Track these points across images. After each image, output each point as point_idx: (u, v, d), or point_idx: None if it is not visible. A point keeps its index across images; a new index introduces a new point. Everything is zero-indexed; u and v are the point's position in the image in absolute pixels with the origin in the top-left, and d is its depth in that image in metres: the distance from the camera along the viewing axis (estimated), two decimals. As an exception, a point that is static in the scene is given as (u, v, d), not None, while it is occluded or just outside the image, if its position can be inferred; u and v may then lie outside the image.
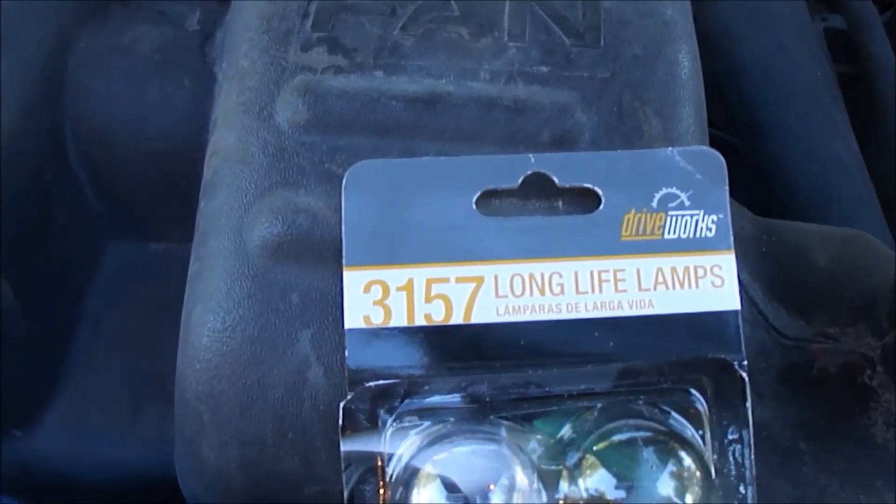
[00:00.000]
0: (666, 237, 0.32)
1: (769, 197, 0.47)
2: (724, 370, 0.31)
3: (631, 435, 0.30)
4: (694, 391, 0.31)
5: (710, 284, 0.32)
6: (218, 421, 0.32)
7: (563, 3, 0.36)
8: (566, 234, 0.32)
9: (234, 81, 0.35)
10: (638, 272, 0.32)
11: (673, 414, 0.31)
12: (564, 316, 0.31)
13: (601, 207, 0.32)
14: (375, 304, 0.31)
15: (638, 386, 0.31)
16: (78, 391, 0.41)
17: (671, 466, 0.29)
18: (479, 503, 0.29)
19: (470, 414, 0.30)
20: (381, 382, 0.30)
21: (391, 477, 0.30)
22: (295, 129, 0.34)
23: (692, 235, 0.32)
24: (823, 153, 0.47)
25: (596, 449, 0.30)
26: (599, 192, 0.32)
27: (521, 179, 0.32)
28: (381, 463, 0.30)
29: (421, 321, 0.31)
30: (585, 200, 0.33)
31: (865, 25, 0.52)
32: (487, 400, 0.31)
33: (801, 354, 0.36)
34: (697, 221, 0.32)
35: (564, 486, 0.30)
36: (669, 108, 0.34)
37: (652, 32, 0.36)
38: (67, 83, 0.40)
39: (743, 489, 0.31)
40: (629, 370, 0.31)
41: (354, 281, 0.31)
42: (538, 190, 0.33)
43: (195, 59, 0.40)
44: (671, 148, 0.33)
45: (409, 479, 0.30)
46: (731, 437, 0.31)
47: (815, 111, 0.48)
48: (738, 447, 0.31)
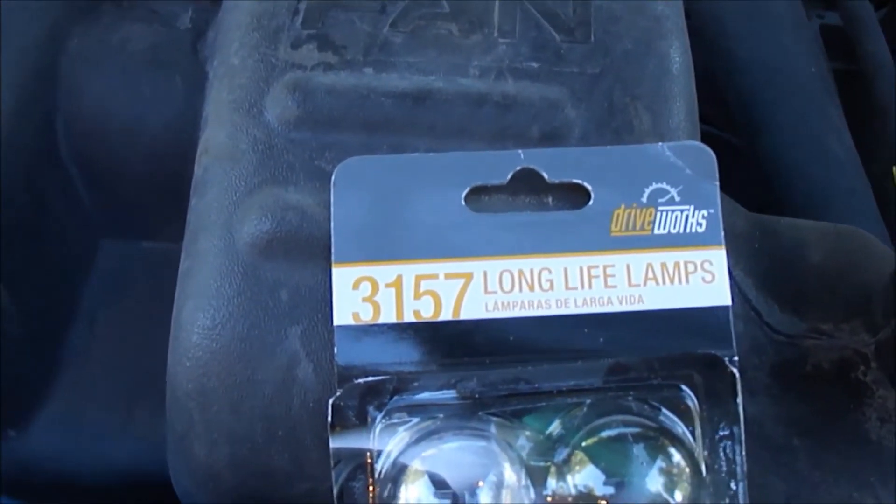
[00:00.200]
0: (656, 232, 0.32)
1: (766, 194, 0.47)
2: (714, 366, 0.31)
3: (620, 431, 0.30)
4: (684, 387, 0.31)
5: (700, 280, 0.32)
6: (208, 418, 0.32)
7: None
8: (555, 229, 0.32)
9: (224, 79, 0.35)
10: (628, 268, 0.32)
11: (663, 410, 0.30)
12: (554, 312, 0.31)
13: (591, 203, 0.32)
14: (364, 300, 0.31)
15: (627, 382, 0.31)
16: (72, 390, 0.41)
17: (661, 462, 0.29)
18: (467, 500, 0.29)
19: (459, 410, 0.30)
20: (370, 379, 0.30)
21: (380, 474, 0.30)
22: (285, 126, 0.34)
23: (682, 231, 0.32)
24: (819, 150, 0.46)
25: (585, 445, 0.29)
26: (589, 187, 0.32)
27: (510, 175, 0.32)
28: (370, 460, 0.30)
29: (410, 318, 0.31)
30: (575, 196, 0.33)
31: (861, 23, 0.52)
32: (477, 396, 0.30)
33: (794, 351, 0.36)
34: (688, 216, 0.32)
35: (553, 482, 0.30)
36: (660, 103, 0.34)
37: (642, 28, 0.36)
38: (60, 81, 0.40)
39: (734, 486, 0.30)
40: (619, 366, 0.31)
41: (343, 277, 0.31)
42: (527, 186, 0.33)
43: (187, 57, 0.40)
44: (661, 143, 0.33)
45: (397, 475, 0.30)
46: (721, 433, 0.31)
47: (811, 108, 0.47)
48: (728, 443, 0.30)
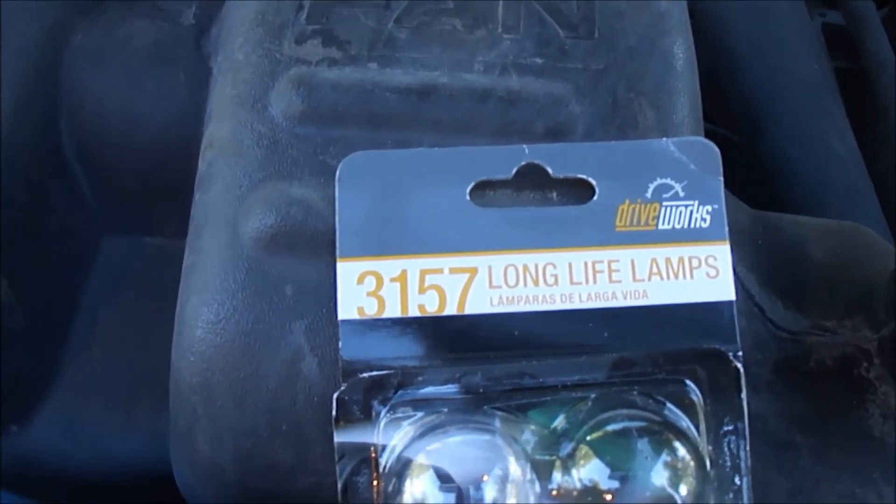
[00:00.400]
0: (660, 227, 0.32)
1: (767, 191, 0.47)
2: (718, 361, 0.31)
3: (625, 425, 0.30)
4: (689, 382, 0.31)
5: (704, 275, 0.32)
6: (212, 413, 0.32)
7: None
8: (560, 224, 0.32)
9: (228, 74, 0.35)
10: (632, 263, 0.32)
11: (668, 405, 0.30)
12: (558, 307, 0.31)
13: (595, 198, 0.32)
14: (369, 295, 0.31)
15: (632, 376, 0.31)
16: (74, 385, 0.41)
17: (665, 456, 0.29)
18: (472, 494, 0.29)
19: (463, 405, 0.30)
20: (374, 373, 0.30)
21: (384, 468, 0.30)
22: (289, 121, 0.34)
23: (686, 226, 0.32)
24: (821, 148, 0.47)
25: (589, 439, 0.29)
26: (593, 182, 0.32)
27: (515, 170, 0.32)
28: (374, 454, 0.30)
29: (415, 312, 0.31)
30: (579, 191, 0.33)
31: (863, 21, 0.52)
32: (481, 391, 0.30)
33: (797, 347, 0.36)
34: (692, 212, 0.32)
35: (558, 476, 0.30)
36: (664, 99, 0.34)
37: (646, 24, 0.36)
38: (63, 77, 0.40)
39: (738, 480, 0.30)
40: (623, 361, 0.31)
41: (348, 272, 0.31)
42: (532, 181, 0.33)
43: (191, 53, 0.40)
44: (665, 139, 0.33)
45: (402, 469, 0.30)
46: (725, 428, 0.31)
47: (813, 106, 0.48)
48: (732, 438, 0.31)
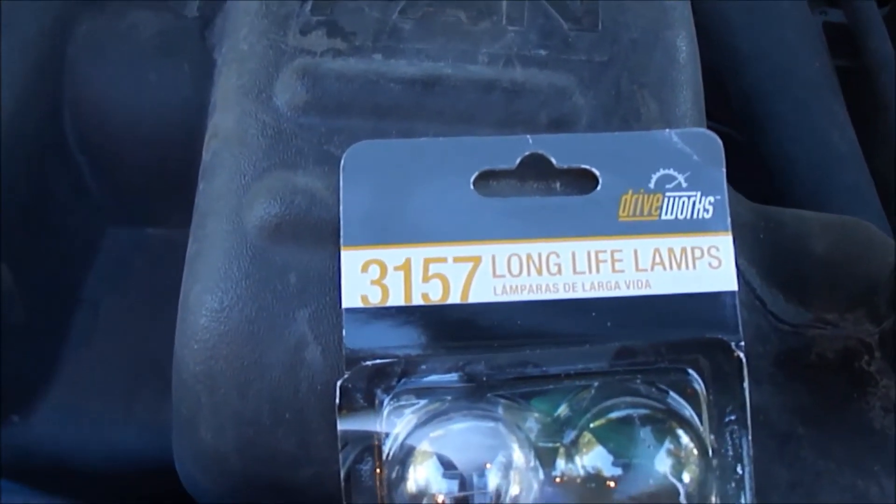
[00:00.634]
0: (663, 218, 0.32)
1: (768, 188, 0.47)
2: (721, 350, 0.31)
3: (628, 413, 0.30)
4: (691, 371, 0.31)
5: (707, 265, 0.32)
6: (215, 401, 0.32)
7: None
8: (564, 214, 0.32)
9: (233, 64, 0.35)
10: (635, 252, 0.32)
11: (670, 393, 0.31)
12: (562, 296, 0.31)
13: (598, 188, 0.32)
14: (373, 283, 0.31)
15: (635, 365, 0.31)
16: (75, 375, 0.41)
17: (668, 444, 0.29)
18: (475, 481, 0.29)
19: (467, 393, 0.30)
20: (378, 362, 0.30)
21: (388, 455, 0.30)
22: (294, 111, 0.34)
23: (689, 216, 0.32)
24: (822, 144, 0.47)
25: (593, 426, 0.29)
26: (597, 172, 0.32)
27: (518, 160, 0.32)
28: (377, 442, 0.30)
29: (418, 301, 0.31)
30: (583, 181, 0.33)
31: (865, 20, 0.52)
32: (484, 379, 0.31)
33: (798, 340, 0.36)
34: (695, 202, 0.32)
35: (561, 463, 0.30)
36: (667, 91, 0.35)
37: (650, 17, 0.36)
38: (67, 68, 0.40)
39: (740, 469, 0.30)
40: (626, 350, 0.31)
41: (352, 260, 0.31)
42: (536, 171, 0.33)
43: (195, 44, 0.40)
44: (668, 130, 0.33)
45: (405, 457, 0.30)
46: (728, 417, 0.31)
47: (813, 103, 0.48)
48: (735, 428, 0.31)
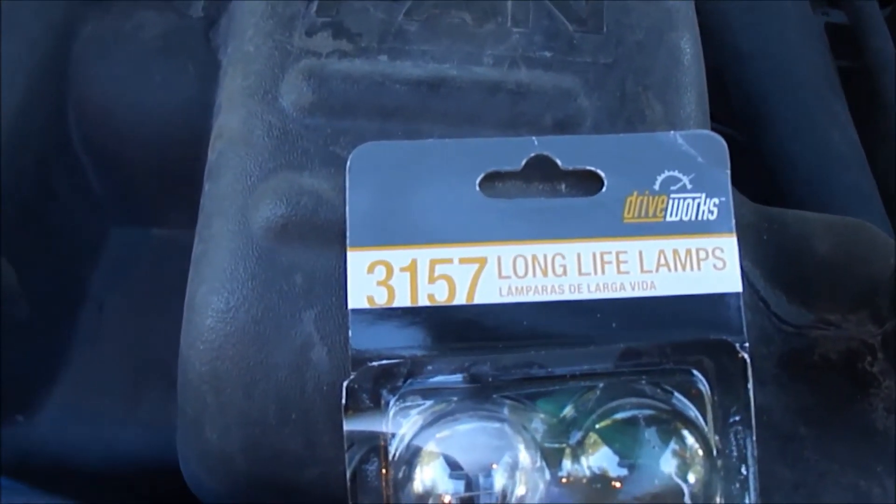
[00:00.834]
0: (668, 219, 0.32)
1: (769, 188, 0.47)
2: (725, 351, 0.31)
3: (633, 413, 0.30)
4: (696, 372, 0.31)
5: (711, 267, 0.32)
6: (221, 402, 0.32)
7: None
8: (569, 216, 0.32)
9: (238, 65, 0.35)
10: (640, 254, 0.32)
11: (675, 394, 0.31)
12: (567, 297, 0.31)
13: (604, 190, 0.32)
14: (379, 284, 0.31)
15: (640, 366, 0.31)
16: (80, 375, 0.41)
17: (674, 445, 0.29)
18: (481, 482, 0.29)
19: (473, 394, 0.31)
20: (384, 362, 0.30)
21: (394, 456, 0.30)
22: (299, 112, 0.34)
23: (694, 218, 0.32)
24: (823, 144, 0.47)
25: (598, 427, 0.30)
26: (602, 174, 0.32)
27: (524, 162, 0.33)
28: (383, 443, 0.30)
29: (424, 301, 0.31)
30: (588, 183, 0.33)
31: (867, 20, 0.52)
32: (490, 380, 0.31)
33: (801, 341, 0.36)
34: (699, 204, 0.32)
35: (567, 464, 0.30)
36: (671, 93, 0.35)
37: (654, 19, 0.36)
38: (72, 68, 0.40)
39: (744, 470, 0.31)
40: (631, 351, 0.31)
41: (358, 261, 0.31)
42: (541, 172, 0.33)
43: (199, 44, 0.40)
44: (673, 132, 0.33)
45: (411, 458, 0.30)
46: (732, 418, 0.31)
47: (815, 103, 0.48)
48: (739, 428, 0.31)
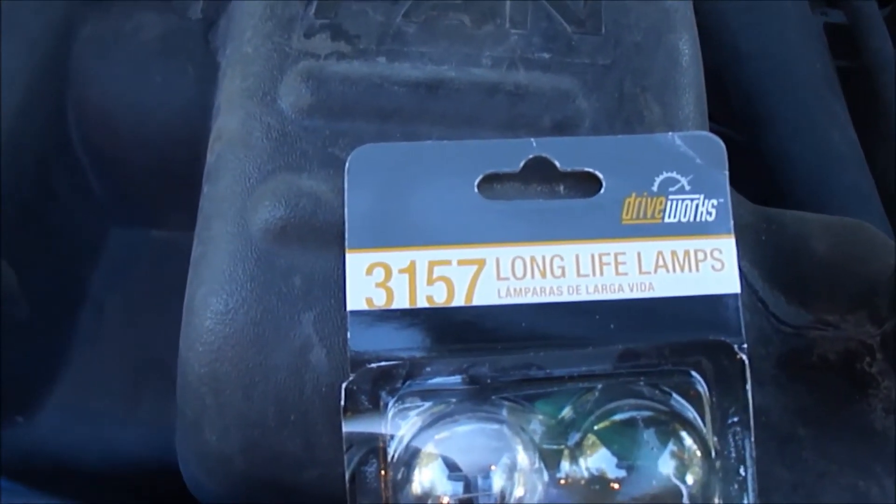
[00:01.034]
0: (666, 221, 0.32)
1: (768, 188, 0.47)
2: (724, 353, 0.31)
3: (631, 415, 0.30)
4: (694, 373, 0.31)
5: (710, 268, 0.32)
6: (220, 403, 0.32)
7: None
8: (567, 217, 0.32)
9: (237, 67, 0.35)
10: (639, 255, 0.32)
11: (674, 395, 0.31)
12: (565, 298, 0.31)
13: (602, 191, 0.32)
14: (378, 286, 0.31)
15: (638, 368, 0.31)
16: (79, 376, 0.41)
17: (672, 446, 0.30)
18: (480, 483, 0.29)
19: (471, 395, 0.31)
20: (383, 364, 0.30)
21: (392, 457, 0.30)
22: (298, 113, 0.34)
23: (692, 219, 0.32)
24: (822, 144, 0.47)
25: (597, 428, 0.30)
26: (600, 176, 0.32)
27: (522, 163, 0.33)
28: (382, 444, 0.30)
29: (423, 303, 0.31)
30: (586, 184, 0.33)
31: (866, 20, 0.52)
32: (489, 381, 0.31)
33: (800, 341, 0.36)
34: (698, 205, 0.32)
35: (566, 465, 0.30)
36: (670, 94, 0.35)
37: (653, 20, 0.36)
38: (71, 69, 0.40)
39: (743, 471, 0.31)
40: (630, 352, 0.31)
41: (357, 263, 0.31)
42: (540, 174, 0.33)
43: (198, 46, 0.40)
44: (672, 133, 0.33)
45: (410, 459, 0.30)
46: (731, 419, 0.31)
47: (814, 103, 0.48)
48: (738, 429, 0.31)
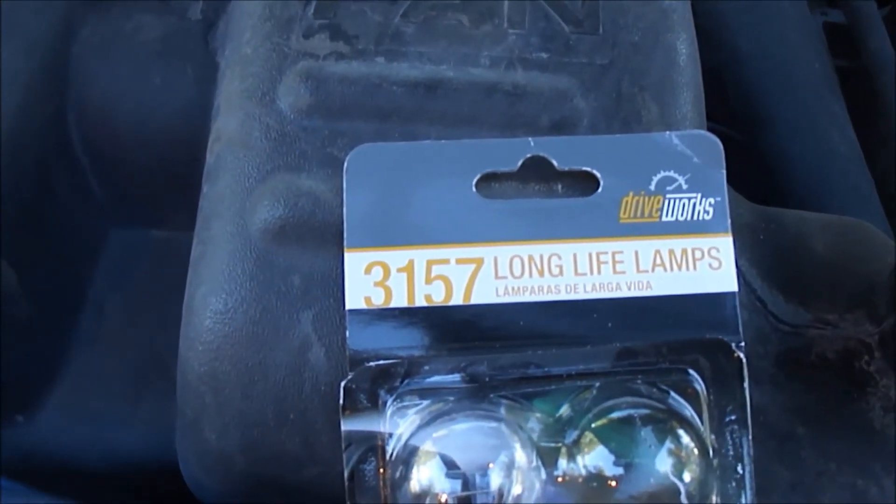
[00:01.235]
0: (664, 220, 0.32)
1: (768, 188, 0.47)
2: (721, 351, 0.31)
3: (629, 413, 0.30)
4: (692, 371, 0.31)
5: (707, 266, 0.32)
6: (219, 402, 0.33)
7: None
8: (565, 216, 0.32)
9: (236, 68, 0.36)
10: (636, 254, 0.32)
11: (671, 393, 0.31)
12: (563, 297, 0.32)
13: (599, 190, 0.33)
14: (376, 285, 0.31)
15: (636, 366, 0.31)
16: (80, 376, 0.41)
17: (669, 444, 0.30)
18: (478, 481, 0.29)
19: (469, 393, 0.31)
20: (381, 362, 0.31)
21: (391, 455, 0.30)
22: (297, 114, 0.34)
23: (690, 218, 0.32)
24: (821, 144, 0.47)
25: (594, 426, 0.30)
26: (598, 175, 0.33)
27: (520, 163, 0.33)
28: (381, 442, 0.30)
29: (421, 302, 0.31)
30: (584, 183, 0.33)
31: (865, 20, 0.52)
32: (487, 380, 0.31)
33: (799, 340, 0.36)
34: (695, 204, 0.32)
35: (563, 463, 0.30)
36: (667, 93, 0.35)
37: (650, 20, 0.36)
38: (71, 70, 0.40)
39: (740, 469, 0.31)
40: (627, 350, 0.31)
41: (355, 262, 0.32)
42: (537, 173, 0.33)
43: (198, 47, 0.40)
44: (669, 132, 0.33)
45: (408, 457, 0.30)
46: (728, 417, 0.31)
47: (813, 102, 0.48)
48: (735, 427, 0.31)
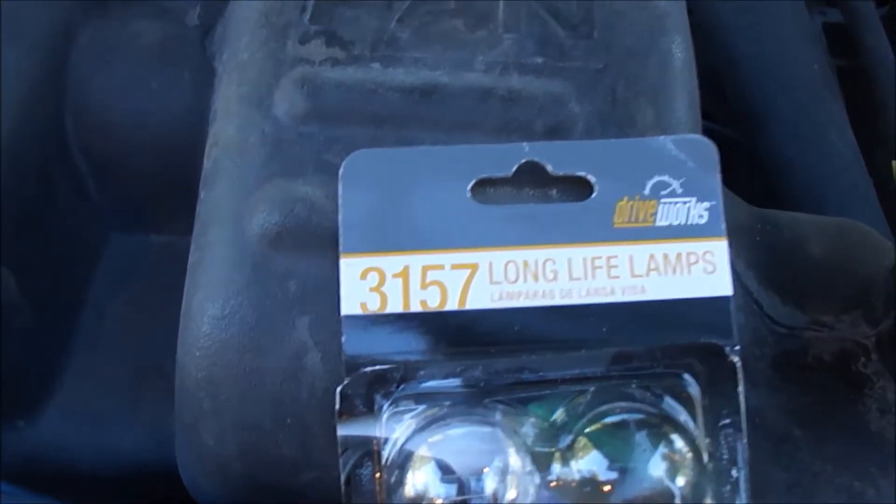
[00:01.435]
0: (658, 224, 0.32)
1: (766, 188, 0.47)
2: (716, 355, 0.31)
3: (623, 417, 0.30)
4: (686, 376, 0.31)
5: (702, 271, 0.32)
6: (217, 407, 0.33)
7: None
8: (560, 221, 0.32)
9: (233, 74, 0.36)
10: (631, 259, 0.32)
11: (665, 398, 0.31)
12: (558, 302, 0.32)
13: (594, 195, 0.33)
14: (372, 290, 0.31)
15: (631, 370, 0.31)
16: (80, 380, 0.41)
17: (663, 449, 0.30)
18: (472, 485, 0.30)
19: (465, 398, 0.31)
20: (377, 368, 0.31)
21: (387, 460, 0.30)
22: (293, 120, 0.35)
23: (684, 222, 0.32)
24: (820, 144, 0.47)
25: (588, 431, 0.30)
26: (592, 179, 0.33)
27: (515, 168, 0.33)
28: (377, 447, 0.30)
29: (417, 307, 0.31)
30: (578, 188, 0.33)
31: (863, 20, 0.52)
32: (482, 384, 0.31)
33: (795, 342, 0.36)
34: (689, 208, 0.33)
35: (557, 467, 0.30)
36: (662, 98, 0.35)
37: (645, 24, 0.36)
38: (69, 75, 0.40)
39: (735, 473, 0.31)
40: (622, 355, 0.31)
41: (351, 268, 0.32)
42: (532, 178, 0.33)
43: (195, 52, 0.41)
44: (664, 136, 0.33)
45: (404, 462, 0.30)
46: (723, 421, 0.31)
47: (812, 102, 0.48)
48: (730, 431, 0.31)
